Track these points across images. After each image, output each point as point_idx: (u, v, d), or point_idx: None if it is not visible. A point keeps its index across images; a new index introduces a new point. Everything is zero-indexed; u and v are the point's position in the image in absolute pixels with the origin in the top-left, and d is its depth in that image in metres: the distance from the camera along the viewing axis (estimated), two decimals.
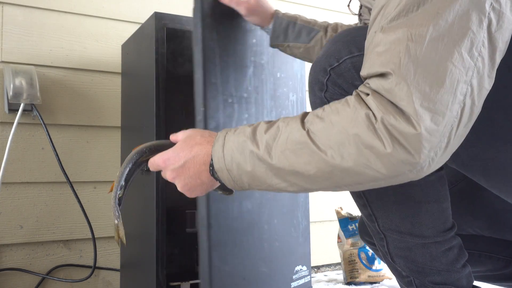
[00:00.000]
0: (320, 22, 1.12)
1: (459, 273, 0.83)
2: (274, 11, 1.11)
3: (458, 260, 0.83)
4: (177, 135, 0.84)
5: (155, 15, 1.24)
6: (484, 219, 1.00)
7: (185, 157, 0.77)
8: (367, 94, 0.63)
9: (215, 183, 0.78)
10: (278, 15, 1.11)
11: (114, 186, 0.85)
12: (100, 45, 1.62)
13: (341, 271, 1.92)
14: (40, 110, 1.47)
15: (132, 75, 1.48)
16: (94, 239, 1.50)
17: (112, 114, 1.61)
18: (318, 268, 1.99)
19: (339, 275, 1.89)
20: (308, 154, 0.65)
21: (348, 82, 0.77)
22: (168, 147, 0.81)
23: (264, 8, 1.10)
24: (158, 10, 1.27)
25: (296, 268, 1.26)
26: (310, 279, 1.33)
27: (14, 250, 1.47)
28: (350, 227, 1.76)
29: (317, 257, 1.88)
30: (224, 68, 1.04)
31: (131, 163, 0.86)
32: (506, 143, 0.73)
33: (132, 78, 1.48)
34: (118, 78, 1.62)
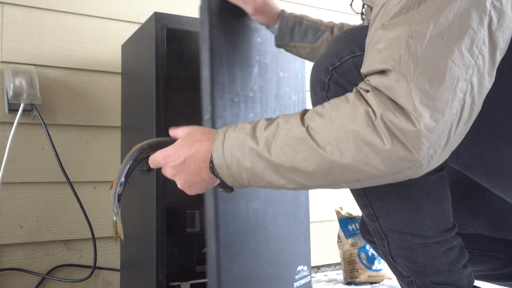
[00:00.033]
0: (326, 22, 1.12)
1: (460, 273, 0.83)
2: (280, 11, 1.11)
3: (459, 260, 0.83)
4: (177, 130, 0.84)
5: (155, 15, 1.24)
6: (485, 218, 1.00)
7: (185, 154, 0.77)
8: (367, 90, 0.63)
9: (215, 180, 0.78)
10: (284, 14, 1.10)
11: (114, 183, 0.85)
12: (100, 45, 1.62)
13: (341, 271, 1.92)
14: (40, 110, 1.47)
15: (132, 75, 1.48)
16: (94, 239, 1.50)
17: (112, 114, 1.61)
18: (318, 268, 1.99)
19: (339, 275, 1.89)
20: (307, 150, 0.65)
21: (350, 82, 0.77)
22: (168, 145, 0.81)
23: (270, 7, 1.10)
24: (158, 10, 1.27)
25: (298, 268, 1.26)
26: (310, 279, 1.33)
27: (14, 250, 1.47)
28: (350, 227, 1.76)
29: (317, 257, 1.88)
30: (230, 67, 1.02)
31: (132, 160, 0.86)
32: (506, 143, 0.73)
33: (132, 78, 1.48)
34: (118, 78, 1.62)
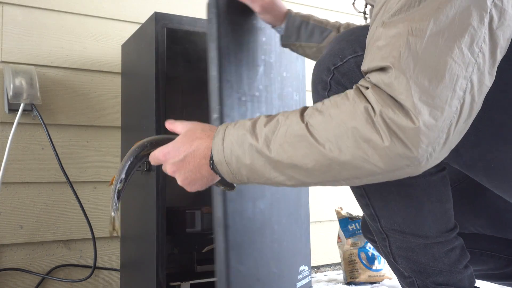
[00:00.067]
0: (332, 22, 1.12)
1: (461, 274, 0.83)
2: (287, 10, 1.11)
3: (460, 261, 0.83)
4: (175, 124, 0.83)
5: (155, 15, 1.24)
6: (486, 218, 1.00)
7: (185, 151, 0.77)
8: (366, 87, 0.63)
9: (215, 177, 0.78)
10: (291, 14, 1.10)
11: (115, 179, 0.85)
12: (100, 45, 1.62)
13: (341, 271, 1.92)
14: (40, 110, 1.47)
15: (132, 75, 1.48)
16: (94, 239, 1.50)
17: (112, 114, 1.61)
18: (318, 268, 1.99)
19: (339, 275, 1.89)
20: (306, 147, 0.65)
21: (352, 81, 0.77)
22: (169, 142, 0.81)
23: (277, 6, 1.09)
24: (158, 10, 1.27)
25: (300, 268, 1.26)
26: (310, 279, 1.33)
27: (14, 250, 1.47)
28: (350, 227, 1.76)
29: (317, 257, 1.88)
30: (237, 66, 1.01)
31: (133, 157, 0.86)
32: (507, 143, 0.73)
33: (132, 78, 1.48)
34: (118, 78, 1.62)
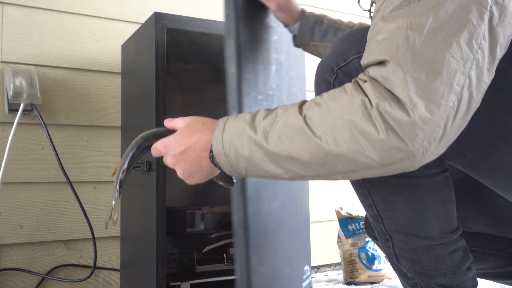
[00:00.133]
0: (346, 22, 1.11)
1: (464, 275, 0.83)
2: (301, 10, 1.10)
3: (463, 262, 0.83)
4: (174, 121, 0.84)
5: (155, 15, 1.24)
6: (488, 217, 1.00)
7: (186, 143, 0.77)
8: (364, 81, 0.63)
9: (215, 170, 0.78)
10: (305, 13, 1.10)
11: (118, 169, 0.86)
12: (100, 45, 1.62)
13: (341, 271, 1.92)
14: (40, 110, 1.47)
15: (132, 75, 1.48)
16: (94, 239, 1.50)
17: (112, 114, 1.61)
18: (318, 268, 1.99)
19: (339, 275, 1.89)
20: (304, 139, 0.65)
21: None
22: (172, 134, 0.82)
23: (293, 5, 1.09)
24: (158, 10, 1.26)
25: (304, 268, 1.26)
26: (311, 279, 1.33)
27: (14, 250, 1.47)
28: (350, 227, 1.76)
29: (317, 257, 1.88)
30: (254, 64, 1.00)
31: (136, 147, 0.86)
32: (506, 143, 0.73)
33: (132, 78, 1.48)
34: (118, 78, 1.62)
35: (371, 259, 1.71)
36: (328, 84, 0.79)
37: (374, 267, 1.70)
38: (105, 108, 1.61)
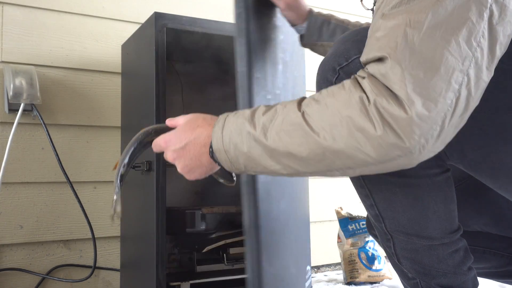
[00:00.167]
0: (353, 22, 1.11)
1: (465, 275, 0.83)
2: (309, 9, 1.10)
3: (464, 263, 0.83)
4: (175, 119, 0.84)
5: (155, 15, 1.24)
6: (489, 216, 1.00)
7: (186, 138, 0.78)
8: (363, 77, 0.63)
9: (215, 166, 0.79)
10: (313, 13, 1.10)
11: (118, 163, 0.86)
12: (100, 45, 1.62)
13: (341, 271, 1.92)
14: (40, 110, 1.47)
15: (132, 75, 1.48)
16: (94, 239, 1.50)
17: (112, 114, 1.61)
18: (318, 268, 1.99)
19: (339, 275, 1.89)
20: (302, 135, 0.65)
21: None
22: None
23: (301, 4, 1.09)
24: (158, 10, 1.26)
25: (306, 268, 1.27)
26: (311, 279, 1.33)
27: (14, 250, 1.47)
28: (350, 227, 1.76)
29: (317, 257, 1.88)
30: (263, 63, 0.99)
31: (137, 142, 0.87)
32: (506, 143, 0.73)
33: (132, 78, 1.48)
34: (118, 78, 1.62)
35: (371, 259, 1.71)
36: (329, 83, 0.79)
37: (374, 267, 1.70)
38: (105, 108, 1.61)
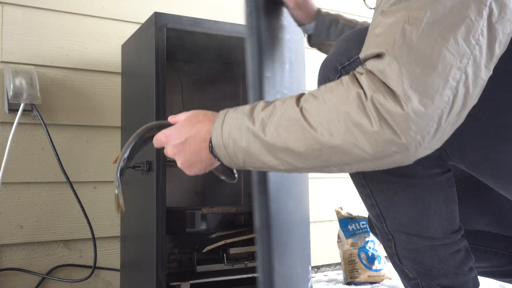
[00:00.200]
0: (361, 22, 1.11)
1: (466, 276, 0.83)
2: (317, 9, 1.10)
3: (465, 263, 0.83)
4: (177, 116, 0.84)
5: (155, 15, 1.24)
6: (491, 216, 1.00)
7: (186, 133, 0.78)
8: (361, 73, 0.63)
9: (214, 161, 0.79)
10: (321, 13, 1.09)
11: (119, 157, 0.86)
12: (100, 45, 1.62)
13: (341, 271, 1.92)
14: (40, 110, 1.47)
15: (132, 75, 1.48)
16: (94, 239, 1.50)
17: (112, 114, 1.61)
18: (318, 268, 1.99)
19: (339, 275, 1.89)
20: (300, 131, 0.65)
21: None
22: None
23: (310, 3, 1.08)
24: (158, 10, 1.26)
25: (308, 268, 1.27)
26: (311, 279, 1.33)
27: (14, 250, 1.47)
28: (350, 227, 1.76)
29: (317, 257, 1.88)
30: (273, 62, 0.99)
31: (138, 137, 0.88)
32: (506, 143, 0.73)
33: (132, 78, 1.48)
34: (118, 78, 1.62)
35: (371, 259, 1.71)
36: None
37: (374, 267, 1.70)
38: (105, 108, 1.61)
